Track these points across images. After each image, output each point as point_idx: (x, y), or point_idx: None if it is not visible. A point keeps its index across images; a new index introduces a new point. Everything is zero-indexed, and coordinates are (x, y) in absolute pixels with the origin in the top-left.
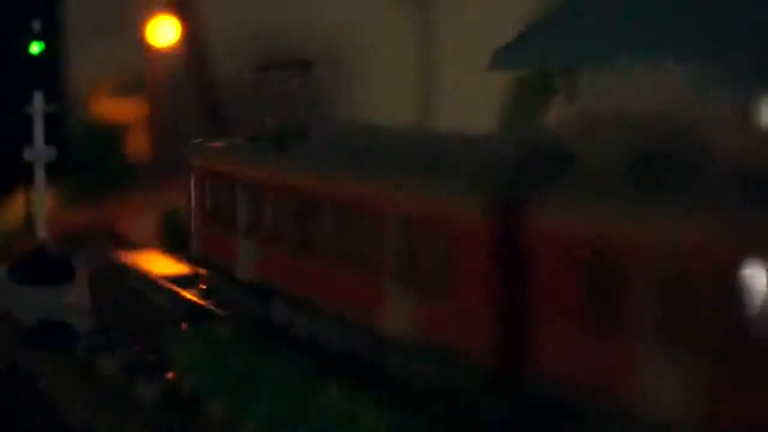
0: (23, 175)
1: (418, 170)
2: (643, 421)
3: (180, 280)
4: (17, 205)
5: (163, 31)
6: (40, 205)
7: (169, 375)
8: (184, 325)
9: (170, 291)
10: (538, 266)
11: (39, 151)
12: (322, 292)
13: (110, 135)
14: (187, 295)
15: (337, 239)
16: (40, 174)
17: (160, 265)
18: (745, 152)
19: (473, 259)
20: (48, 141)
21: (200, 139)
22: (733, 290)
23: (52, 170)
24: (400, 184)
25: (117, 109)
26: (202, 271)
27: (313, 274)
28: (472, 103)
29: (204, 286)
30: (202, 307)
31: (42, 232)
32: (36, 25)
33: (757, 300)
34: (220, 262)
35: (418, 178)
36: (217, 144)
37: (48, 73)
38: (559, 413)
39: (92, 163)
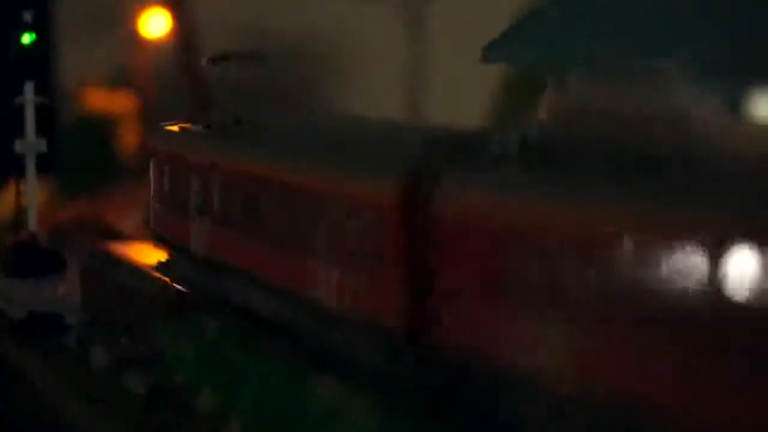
0: (14, 167)
1: (343, 156)
2: (533, 386)
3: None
4: (7, 197)
5: (155, 24)
6: (30, 197)
7: (159, 368)
8: (173, 318)
9: (160, 283)
10: (440, 243)
11: (30, 142)
12: (264, 266)
13: (100, 127)
14: (177, 286)
15: (275, 218)
16: (31, 166)
17: (150, 257)
18: (735, 145)
19: (385, 236)
20: (38, 133)
21: (161, 124)
22: (606, 265)
23: (42, 162)
24: (326, 168)
25: (107, 101)
26: (161, 247)
27: (255, 250)
28: (463, 97)
29: (161, 261)
30: (192, 299)
31: (32, 225)
32: (27, 16)
33: (632, 273)
34: (176, 239)
35: (341, 163)
36: (175, 129)
37: (39, 64)
38: (466, 379)
39: (82, 156)
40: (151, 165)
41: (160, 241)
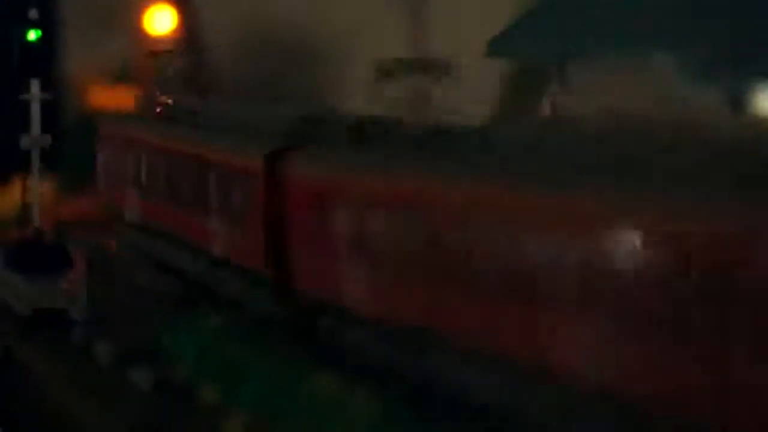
0: (19, 163)
1: (227, 133)
2: (354, 314)
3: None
4: (13, 193)
5: (160, 21)
6: (35, 192)
7: (163, 362)
8: (177, 313)
9: (165, 278)
10: (293, 203)
11: (35, 138)
12: (179, 228)
13: None
14: (182, 281)
15: (184, 187)
16: (36, 161)
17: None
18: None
19: (254, 200)
20: (43, 130)
21: (107, 113)
22: (413, 222)
23: (46, 159)
24: (213, 142)
25: (111, 97)
26: (110, 217)
27: (170, 213)
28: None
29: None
30: (196, 293)
31: (37, 220)
32: (33, 14)
33: (427, 228)
34: (118, 210)
35: (224, 139)
36: (115, 117)
37: (44, 60)
38: (318, 312)
39: (87, 152)
40: (100, 148)
41: (108, 211)
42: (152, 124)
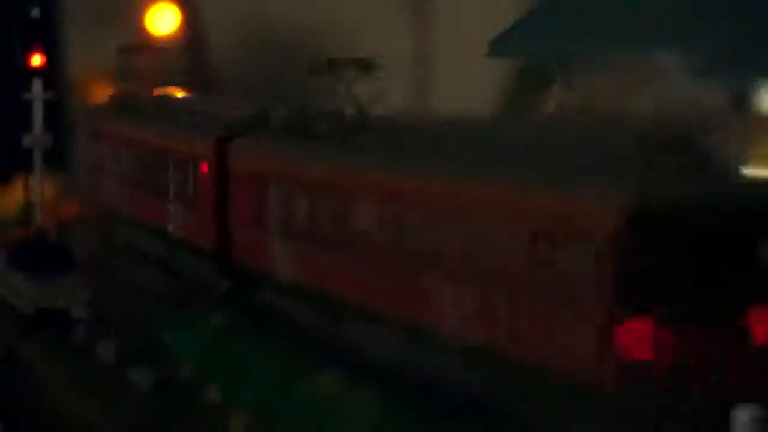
0: (21, 163)
1: (185, 122)
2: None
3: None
4: (15, 192)
5: (162, 20)
6: (38, 192)
7: (165, 362)
8: (179, 312)
9: (167, 277)
10: (236, 186)
11: (37, 137)
12: (142, 212)
13: None
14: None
15: (147, 175)
16: (38, 161)
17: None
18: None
19: (202, 184)
20: (45, 129)
21: (80, 106)
22: (335, 206)
23: (48, 158)
24: (168, 132)
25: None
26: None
27: (137, 200)
28: (468, 89)
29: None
30: (197, 292)
31: (40, 220)
32: (35, 13)
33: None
34: (94, 195)
35: (180, 127)
36: (89, 108)
37: (46, 59)
38: (255, 283)
39: None
40: (77, 138)
41: (86, 197)
42: (116, 115)
